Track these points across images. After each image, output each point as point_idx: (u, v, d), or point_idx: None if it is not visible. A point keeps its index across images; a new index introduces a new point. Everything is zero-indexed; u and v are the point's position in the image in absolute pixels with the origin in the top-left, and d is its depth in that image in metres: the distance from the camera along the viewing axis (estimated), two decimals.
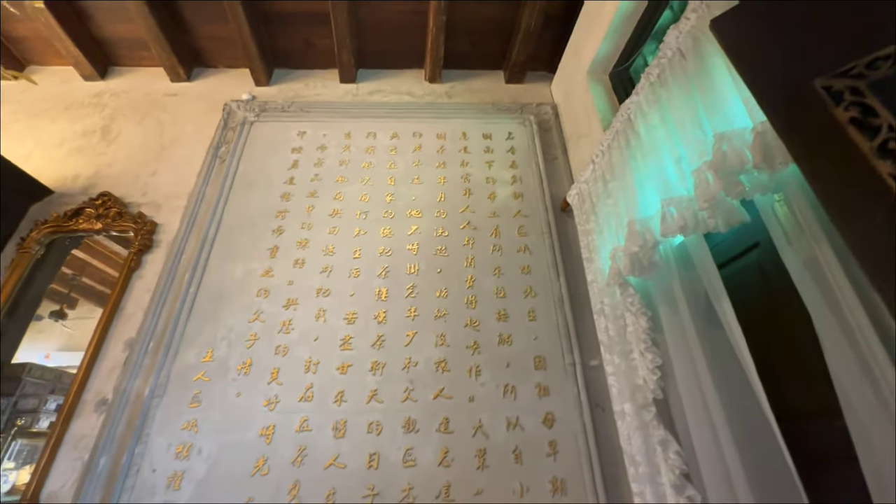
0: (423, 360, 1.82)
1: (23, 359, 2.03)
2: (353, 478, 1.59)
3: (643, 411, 1.37)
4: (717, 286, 1.23)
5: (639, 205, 1.48)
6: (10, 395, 1.95)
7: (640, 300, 1.49)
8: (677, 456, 1.26)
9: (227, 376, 1.78)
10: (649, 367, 1.37)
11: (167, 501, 1.55)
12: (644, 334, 1.42)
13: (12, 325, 2.05)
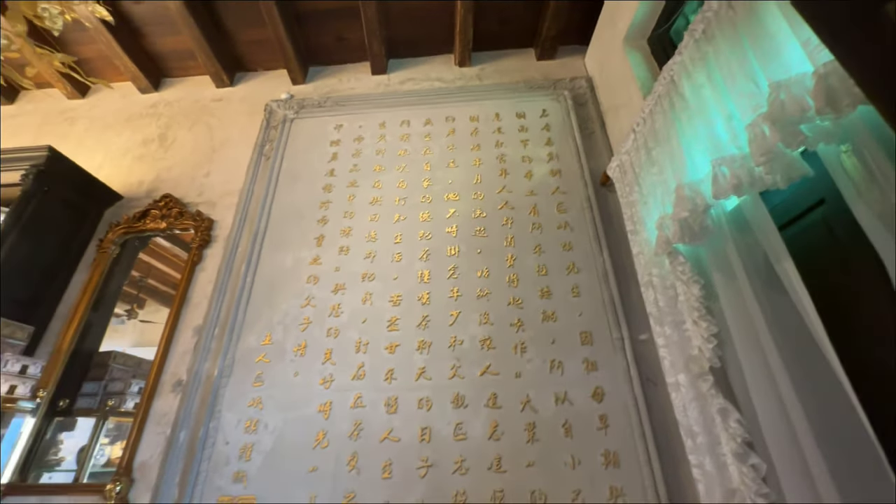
0: (468, 339, 1.85)
1: (106, 349, 2.27)
2: (407, 450, 1.66)
3: (699, 381, 1.33)
4: (777, 247, 1.16)
5: (686, 169, 1.42)
6: (101, 379, 2.18)
7: (691, 268, 1.44)
8: (738, 424, 1.21)
9: (285, 358, 1.90)
10: (704, 336, 1.33)
11: (240, 470, 1.69)
12: (697, 303, 1.37)
13: (97, 318, 2.28)
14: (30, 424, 1.86)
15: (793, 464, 1.11)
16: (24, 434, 1.85)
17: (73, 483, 1.84)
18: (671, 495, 1.49)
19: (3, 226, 2.05)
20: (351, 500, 1.60)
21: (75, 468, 1.96)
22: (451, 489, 1.58)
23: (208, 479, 1.69)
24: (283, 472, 1.67)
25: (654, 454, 1.55)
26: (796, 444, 1.09)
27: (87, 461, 1.95)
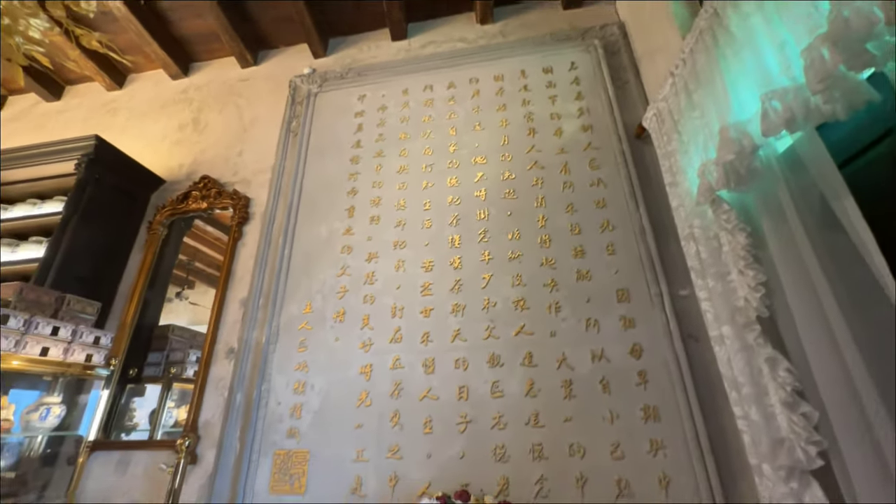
0: (501, 301, 1.86)
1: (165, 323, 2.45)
2: (446, 407, 1.72)
3: (745, 332, 1.28)
4: (836, 184, 1.07)
5: (732, 109, 1.32)
6: (162, 350, 2.37)
7: (737, 216, 1.36)
8: (788, 373, 1.17)
9: (326, 324, 1.99)
10: (751, 285, 1.26)
11: (292, 427, 1.81)
12: (743, 251, 1.30)
13: (153, 295, 2.46)
14: (106, 391, 2.06)
15: (848, 412, 1.06)
16: (103, 399, 2.05)
17: (149, 440, 2.04)
18: (714, 447, 1.47)
19: (64, 212, 2.22)
20: (395, 453, 1.69)
21: (148, 428, 2.18)
22: (491, 443, 1.63)
23: (264, 435, 1.83)
24: (332, 428, 1.78)
25: (695, 408, 1.53)
26: (852, 391, 1.04)
27: (157, 422, 2.15)
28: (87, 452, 1.91)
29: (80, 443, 1.94)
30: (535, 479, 1.56)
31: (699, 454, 1.48)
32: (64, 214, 2.21)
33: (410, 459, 1.67)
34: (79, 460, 1.88)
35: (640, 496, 1.48)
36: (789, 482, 1.14)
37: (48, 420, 1.74)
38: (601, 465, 1.53)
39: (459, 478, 1.58)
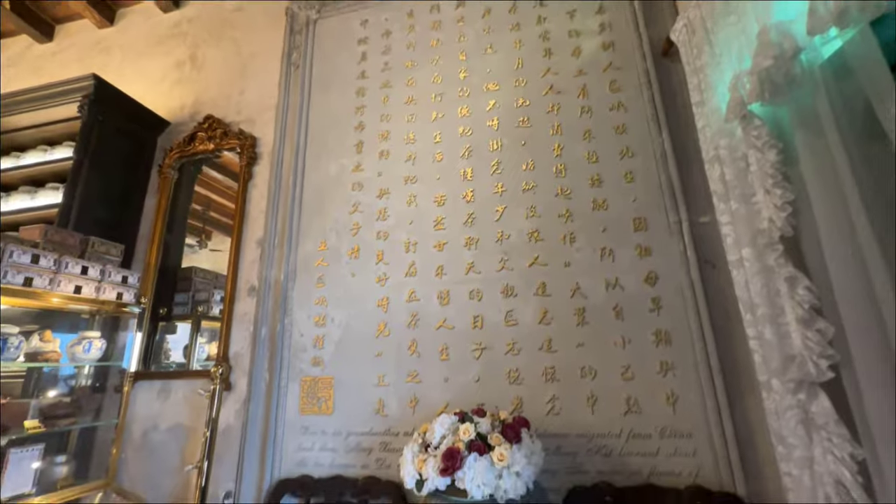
0: (515, 233, 1.85)
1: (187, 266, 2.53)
2: (461, 336, 1.78)
3: (767, 252, 1.25)
4: (884, 87, 0.98)
5: (773, 10, 1.19)
6: (188, 290, 2.47)
7: (768, 131, 1.27)
8: (807, 291, 1.15)
9: (341, 261, 2.02)
10: (777, 204, 1.21)
11: (316, 356, 1.92)
12: (772, 169, 1.23)
13: (172, 239, 2.51)
14: (140, 329, 2.18)
15: (868, 329, 1.05)
16: (138, 336, 2.18)
17: (185, 370, 2.20)
18: (723, 367, 1.51)
19: (75, 157, 2.21)
20: (414, 377, 1.78)
21: (183, 361, 2.34)
22: (505, 368, 1.71)
23: (291, 364, 1.95)
24: (353, 357, 1.88)
25: (708, 331, 1.55)
26: (873, 307, 1.03)
27: (191, 355, 2.30)
28: (130, 382, 2.07)
29: (123, 374, 2.10)
30: (548, 398, 1.64)
31: (708, 374, 1.52)
32: (75, 159, 2.21)
33: (429, 383, 1.76)
34: (124, 389, 2.05)
35: (647, 412, 1.55)
36: (797, 394, 1.17)
37: (91, 352, 1.87)
38: (611, 386, 1.60)
39: (475, 399, 1.67)
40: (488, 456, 1.21)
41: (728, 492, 1.40)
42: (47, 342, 1.75)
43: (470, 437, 1.26)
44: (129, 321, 2.25)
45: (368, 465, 1.73)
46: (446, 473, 1.19)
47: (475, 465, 1.19)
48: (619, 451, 1.54)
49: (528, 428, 1.38)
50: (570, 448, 1.57)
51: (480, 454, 1.21)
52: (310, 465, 1.78)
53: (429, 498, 1.26)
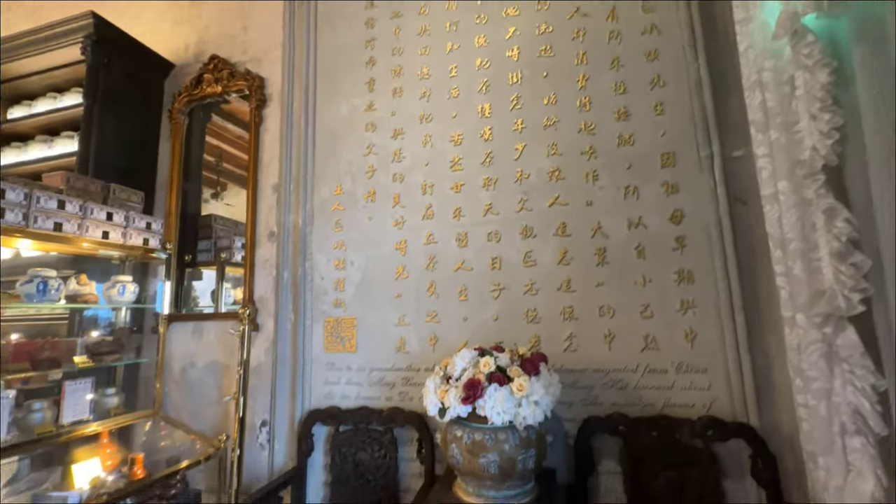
0: (534, 172, 1.78)
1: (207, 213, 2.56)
2: (479, 277, 1.79)
3: (806, 183, 1.17)
4: None
5: None
6: (209, 238, 2.52)
7: (822, 48, 1.14)
8: (846, 223, 1.09)
9: (358, 205, 2.01)
10: (823, 131, 1.12)
11: (338, 298, 1.97)
12: (822, 91, 1.13)
13: (190, 187, 2.52)
14: (169, 274, 2.26)
15: None
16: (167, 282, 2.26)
17: (215, 313, 2.30)
18: (746, 305, 1.50)
19: (84, 102, 2.18)
20: (433, 318, 1.83)
21: (211, 305, 2.44)
22: (523, 307, 1.73)
23: (314, 306, 2.01)
24: (373, 298, 1.92)
25: (732, 269, 1.52)
26: None
27: (219, 299, 2.39)
28: (165, 323, 2.18)
29: (157, 316, 2.21)
30: (565, 336, 1.67)
31: (729, 311, 1.51)
32: (85, 105, 2.17)
33: (447, 323, 1.81)
34: (161, 330, 2.16)
35: (665, 348, 1.58)
36: (823, 328, 1.15)
37: (126, 295, 1.96)
38: (629, 323, 1.61)
39: (493, 337, 1.71)
40: (508, 386, 1.26)
41: (741, 422, 1.44)
42: (84, 285, 1.83)
43: (490, 370, 1.30)
44: (158, 268, 2.33)
45: (392, 398, 1.83)
46: (467, 402, 1.25)
47: (495, 395, 1.24)
48: (635, 384, 1.59)
49: (546, 362, 1.41)
50: (586, 382, 1.63)
51: (500, 385, 1.26)
52: (337, 397, 1.90)
53: (450, 424, 1.33)
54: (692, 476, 1.45)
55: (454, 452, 1.30)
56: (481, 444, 1.26)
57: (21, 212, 1.50)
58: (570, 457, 1.58)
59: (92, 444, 1.85)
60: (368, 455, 1.76)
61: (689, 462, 1.46)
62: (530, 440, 1.29)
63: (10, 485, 1.73)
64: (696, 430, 1.46)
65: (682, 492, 1.44)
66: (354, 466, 1.76)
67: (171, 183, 2.38)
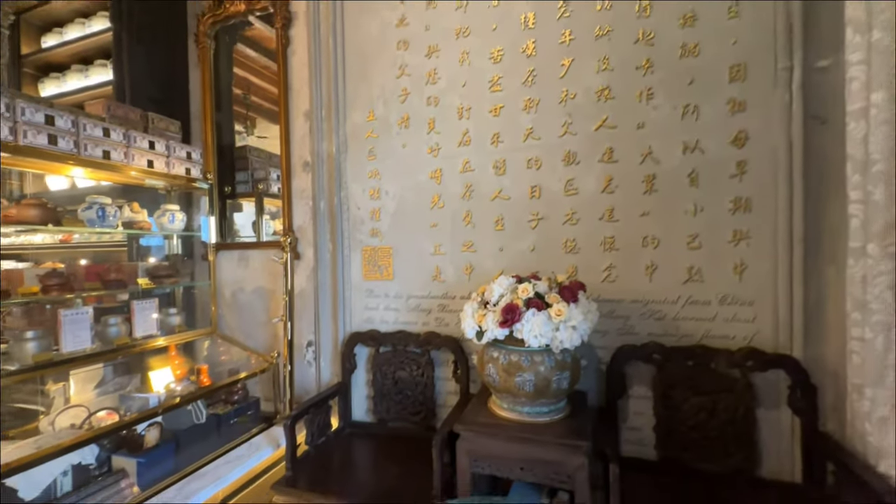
0: (581, 91, 1.64)
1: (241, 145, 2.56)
2: (517, 206, 1.74)
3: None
4: None
5: None
6: (246, 169, 2.55)
7: None
8: None
9: (391, 131, 1.94)
10: None
11: (374, 227, 1.99)
12: None
13: (222, 117, 2.50)
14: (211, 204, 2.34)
15: None
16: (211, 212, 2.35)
17: (257, 242, 2.40)
18: (808, 236, 1.39)
19: (112, 27, 2.13)
20: (469, 247, 1.82)
21: (253, 235, 2.54)
22: (562, 237, 1.69)
23: (351, 235, 2.05)
24: (409, 228, 1.93)
25: (797, 197, 1.39)
26: None
27: (260, 229, 2.48)
28: (213, 251, 2.31)
29: (205, 245, 2.33)
30: (604, 266, 1.64)
31: (787, 243, 1.41)
32: (114, 30, 2.13)
33: (483, 252, 1.80)
34: (210, 258, 2.29)
35: (710, 280, 1.52)
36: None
37: (175, 223, 2.06)
38: (674, 255, 1.55)
39: (530, 267, 1.70)
40: (546, 311, 1.27)
41: (783, 353, 1.42)
42: (137, 213, 1.93)
43: (528, 296, 1.31)
44: (200, 199, 2.41)
45: (428, 323, 1.90)
46: (505, 325, 1.28)
47: (532, 319, 1.26)
48: (674, 315, 1.56)
49: (584, 290, 1.40)
50: (622, 312, 1.62)
51: (538, 310, 1.27)
52: (376, 321, 2.00)
53: (487, 346, 1.38)
54: (724, 402, 1.47)
55: (490, 372, 1.36)
56: (517, 364, 1.31)
57: (71, 139, 1.54)
58: (601, 381, 1.63)
59: (162, 356, 2.07)
60: (407, 374, 1.88)
61: (723, 389, 1.47)
62: (565, 363, 1.32)
63: (99, 387, 2.00)
64: (735, 360, 1.45)
65: (713, 416, 1.47)
66: (394, 383, 1.90)
67: (204, 113, 2.37)
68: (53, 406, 1.82)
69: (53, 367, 1.52)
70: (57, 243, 2.50)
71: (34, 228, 1.68)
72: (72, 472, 1.34)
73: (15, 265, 2.26)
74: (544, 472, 1.28)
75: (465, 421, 1.37)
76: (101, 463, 1.48)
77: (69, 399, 1.87)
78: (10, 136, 1.37)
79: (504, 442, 1.32)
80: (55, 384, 1.83)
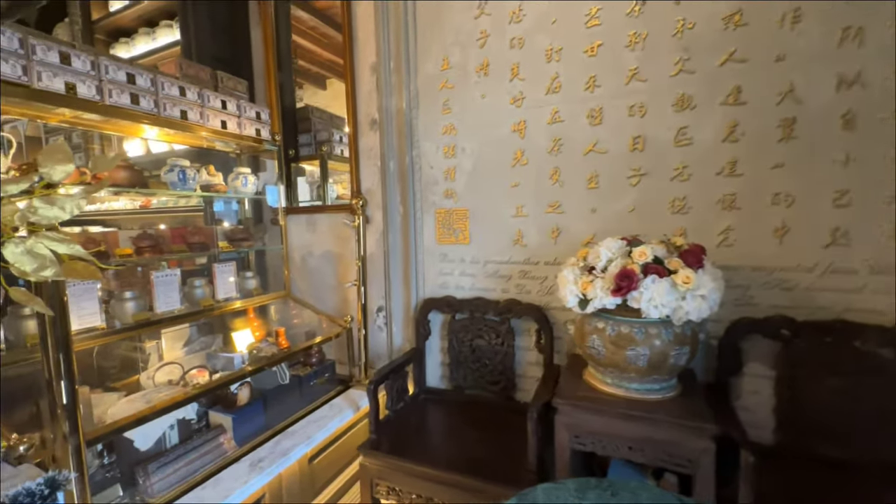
0: (703, 19, 1.37)
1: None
2: (615, 161, 1.54)
3: None
4: None
5: None
6: (309, 131, 2.48)
7: None
8: None
9: (469, 80, 1.77)
10: None
11: (448, 188, 1.87)
12: None
13: (284, 78, 2.41)
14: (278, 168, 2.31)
15: None
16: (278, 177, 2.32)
17: (324, 205, 2.36)
18: None
19: None
20: (556, 208, 1.66)
21: (316, 199, 2.50)
22: (668, 196, 1.48)
23: (423, 197, 1.94)
24: (487, 188, 1.79)
25: None
26: None
27: (325, 193, 2.43)
28: (283, 215, 2.30)
29: (275, 209, 2.33)
30: (720, 229, 1.42)
31: None
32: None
33: (573, 214, 1.64)
34: (281, 222, 2.29)
35: (858, 245, 1.28)
36: None
37: (248, 187, 2.05)
38: (814, 214, 1.31)
39: (628, 230, 1.51)
40: (669, 278, 1.10)
41: None
42: (213, 176, 1.92)
43: (646, 260, 1.15)
44: (266, 162, 2.39)
45: (508, 290, 1.79)
46: (619, 293, 1.13)
47: (653, 287, 1.10)
48: (807, 285, 1.34)
49: (706, 255, 1.21)
50: (740, 281, 1.41)
51: (659, 276, 1.11)
52: (451, 287, 1.91)
53: (589, 316, 1.25)
54: (869, 385, 1.26)
55: (594, 344, 1.24)
56: (628, 336, 1.17)
57: (151, 99, 1.51)
58: (709, 357, 1.46)
59: (241, 318, 2.12)
60: (486, 342, 1.80)
61: (869, 371, 1.26)
62: (685, 336, 1.17)
63: (187, 345, 2.09)
64: (889, 338, 1.23)
65: (855, 400, 1.27)
66: (471, 351, 1.83)
67: (267, 72, 2.30)
68: (150, 362, 1.93)
69: (149, 326, 1.57)
70: (137, 209, 2.60)
71: (121, 190, 1.71)
72: (177, 426, 1.40)
73: (102, 230, 2.37)
74: (655, 453, 1.16)
75: (564, 394, 1.27)
76: (200, 417, 1.54)
77: (162, 356, 1.98)
78: (97, 94, 1.34)
79: (610, 419, 1.20)
80: (150, 341, 1.92)
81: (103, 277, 1.98)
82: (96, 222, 2.66)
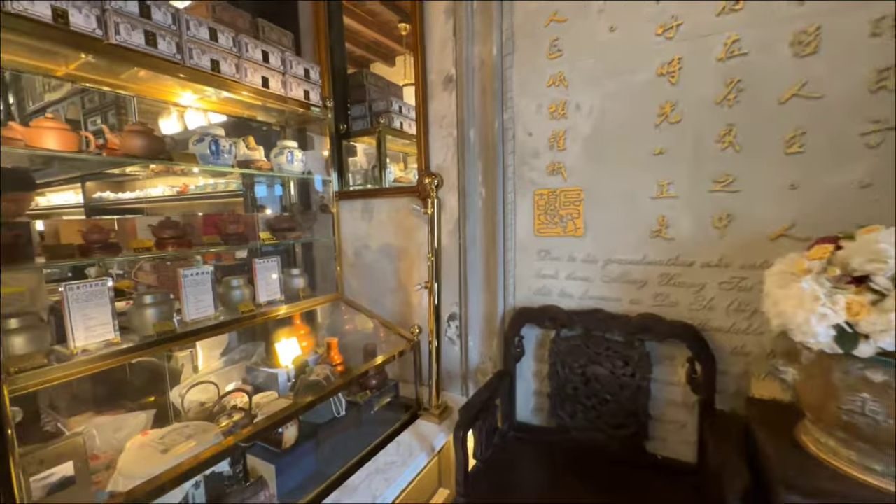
0: None
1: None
2: (834, 111, 1.00)
3: None
4: None
5: None
6: (362, 101, 2.07)
7: None
8: None
9: (590, 9, 1.27)
10: None
11: (554, 161, 1.39)
12: None
13: (334, 37, 2.01)
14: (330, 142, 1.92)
15: None
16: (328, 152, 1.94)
17: (382, 188, 1.94)
18: None
19: None
20: (726, 184, 1.14)
21: (369, 182, 2.09)
22: None
23: (517, 174, 1.47)
24: (613, 159, 1.29)
25: None
26: None
27: (382, 174, 2.01)
28: (335, 200, 1.91)
29: (324, 194, 1.95)
30: None
31: None
32: None
33: (754, 191, 1.11)
34: (333, 209, 1.90)
35: None
36: None
37: (295, 164, 1.66)
38: None
39: (854, 215, 0.98)
40: None
41: None
42: (253, 149, 1.56)
43: None
44: (315, 139, 2.02)
45: (641, 301, 1.29)
46: None
47: None
48: None
49: None
50: None
51: None
52: (553, 294, 1.44)
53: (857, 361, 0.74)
54: None
55: (865, 407, 0.73)
56: None
57: (173, 41, 1.14)
58: None
59: (287, 325, 1.77)
60: (607, 371, 1.31)
61: None
62: None
63: (225, 354, 1.76)
64: None
65: None
66: (584, 381, 1.35)
67: (316, 29, 1.91)
68: (184, 373, 1.62)
69: (175, 340, 1.22)
70: (175, 195, 2.32)
71: (136, 161, 1.36)
72: (203, 484, 1.03)
73: (117, 218, 2.10)
74: None
75: (800, 486, 0.77)
76: (234, 462, 1.17)
77: (197, 367, 1.66)
78: (99, 28, 0.98)
79: None
80: (182, 351, 1.61)
81: (133, 275, 1.68)
82: (129, 211, 2.42)
